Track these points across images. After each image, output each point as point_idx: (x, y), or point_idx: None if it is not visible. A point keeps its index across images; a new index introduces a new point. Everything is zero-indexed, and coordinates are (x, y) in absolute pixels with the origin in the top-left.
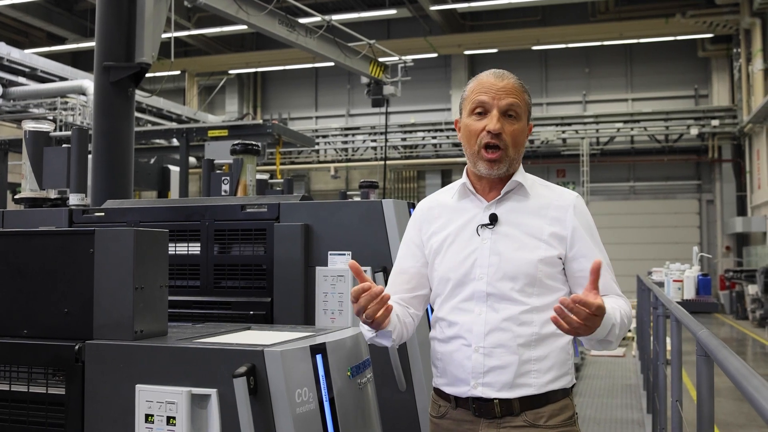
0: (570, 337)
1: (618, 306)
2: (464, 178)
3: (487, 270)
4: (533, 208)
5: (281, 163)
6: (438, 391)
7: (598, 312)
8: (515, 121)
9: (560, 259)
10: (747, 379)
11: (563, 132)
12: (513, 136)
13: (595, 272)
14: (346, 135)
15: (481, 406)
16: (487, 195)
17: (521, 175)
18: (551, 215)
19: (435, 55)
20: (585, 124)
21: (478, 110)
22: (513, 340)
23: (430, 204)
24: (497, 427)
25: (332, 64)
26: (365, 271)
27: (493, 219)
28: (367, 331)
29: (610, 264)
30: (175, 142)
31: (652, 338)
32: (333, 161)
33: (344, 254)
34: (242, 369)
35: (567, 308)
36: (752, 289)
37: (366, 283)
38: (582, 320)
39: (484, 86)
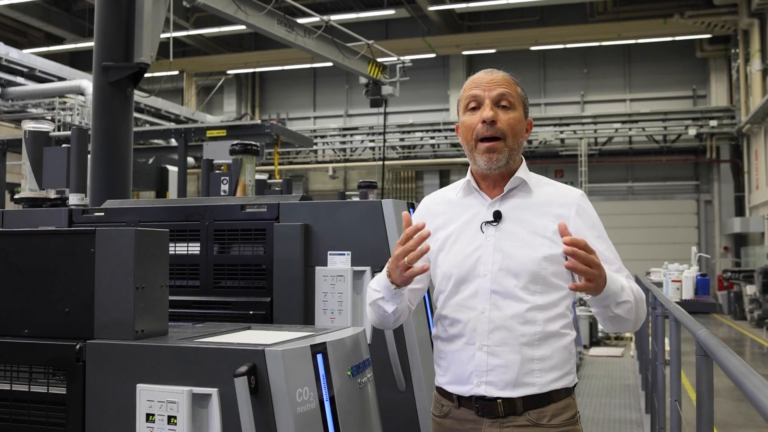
0: (573, 337)
1: (629, 285)
2: (468, 176)
3: (491, 267)
4: (537, 205)
5: (279, 164)
6: (440, 390)
7: (589, 250)
8: (509, 110)
9: (564, 256)
10: (747, 377)
11: (561, 132)
12: (509, 124)
13: (564, 230)
14: (345, 135)
15: (484, 405)
16: (491, 192)
17: (524, 173)
18: (555, 212)
19: (433, 55)
20: (583, 124)
21: (471, 105)
22: (516, 338)
23: (435, 199)
24: (500, 426)
25: (330, 64)
26: (364, 271)
27: (497, 216)
28: (375, 291)
29: (618, 257)
30: (173, 142)
31: (650, 338)
32: (331, 161)
33: (344, 254)
34: (243, 368)
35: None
36: (750, 290)
37: (420, 223)
38: (585, 262)
39: (474, 82)
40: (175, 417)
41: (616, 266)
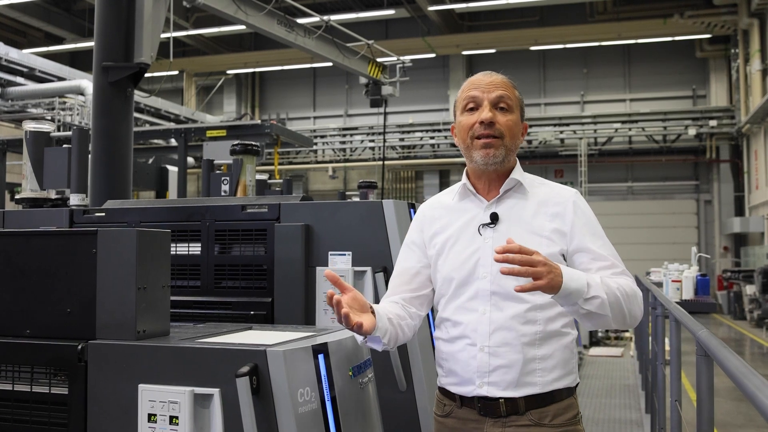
0: (574, 336)
1: (610, 280)
2: (464, 179)
3: (490, 269)
4: (533, 205)
5: (279, 164)
6: (443, 391)
7: (523, 251)
8: (507, 112)
9: (562, 255)
10: (748, 378)
11: (561, 132)
12: (507, 126)
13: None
14: (344, 135)
15: (486, 405)
16: (487, 195)
17: (519, 174)
18: (551, 211)
19: (433, 55)
20: (583, 124)
21: (469, 106)
22: (518, 338)
23: (432, 205)
24: (502, 426)
25: (330, 64)
26: (365, 271)
27: (494, 218)
28: (357, 335)
29: (615, 255)
30: (173, 142)
31: (650, 338)
32: (331, 161)
33: (345, 254)
34: (245, 369)
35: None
36: (750, 290)
37: (330, 292)
38: (521, 263)
39: (473, 83)
40: (176, 417)
41: (607, 263)
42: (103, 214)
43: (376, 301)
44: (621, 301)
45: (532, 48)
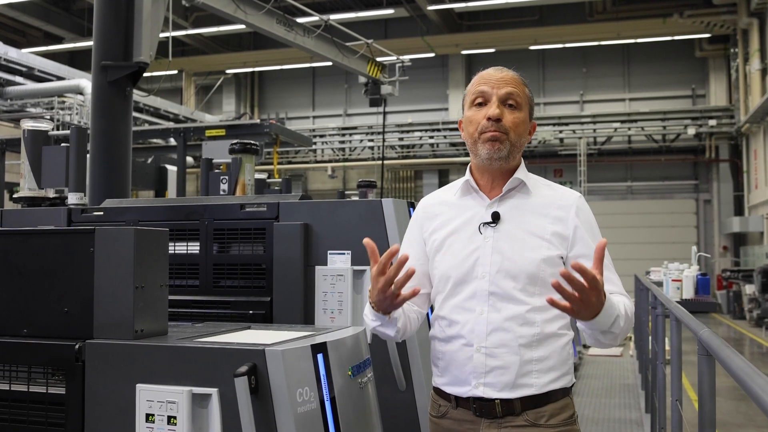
0: (570, 337)
1: (621, 301)
2: (467, 175)
3: (489, 268)
4: (536, 206)
5: (278, 163)
6: (438, 391)
7: (593, 284)
8: (515, 110)
9: (562, 258)
10: (751, 377)
11: (560, 132)
12: (514, 123)
13: (600, 251)
14: (344, 135)
15: (482, 406)
16: (490, 192)
17: (523, 173)
18: (553, 214)
19: (432, 54)
20: (582, 123)
21: (478, 101)
22: (515, 340)
23: (432, 201)
24: (498, 426)
25: (330, 63)
26: (364, 270)
27: (496, 217)
28: (371, 321)
29: (612, 264)
30: (172, 141)
31: (650, 338)
32: (330, 161)
33: (344, 253)
34: (243, 368)
35: (566, 279)
36: (749, 289)
37: (394, 247)
38: (579, 292)
39: (483, 78)
40: (174, 417)
41: (615, 287)
42: (101, 213)
43: None
44: (628, 325)
45: (532, 47)
